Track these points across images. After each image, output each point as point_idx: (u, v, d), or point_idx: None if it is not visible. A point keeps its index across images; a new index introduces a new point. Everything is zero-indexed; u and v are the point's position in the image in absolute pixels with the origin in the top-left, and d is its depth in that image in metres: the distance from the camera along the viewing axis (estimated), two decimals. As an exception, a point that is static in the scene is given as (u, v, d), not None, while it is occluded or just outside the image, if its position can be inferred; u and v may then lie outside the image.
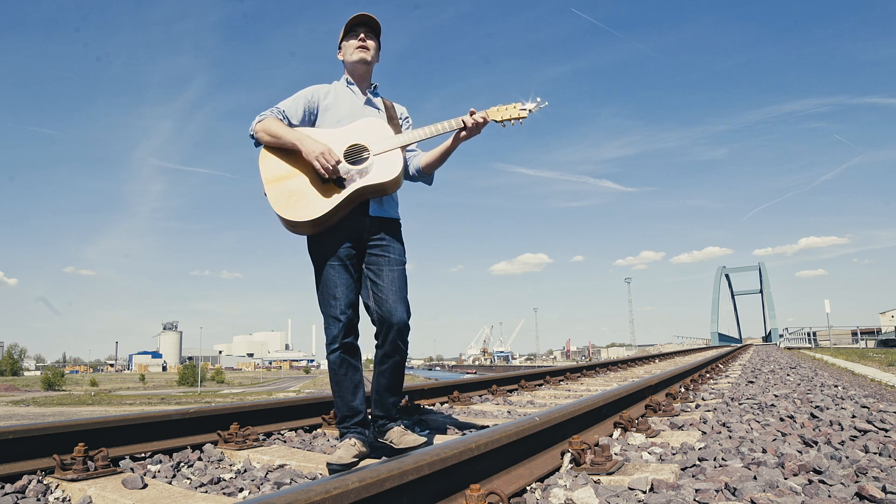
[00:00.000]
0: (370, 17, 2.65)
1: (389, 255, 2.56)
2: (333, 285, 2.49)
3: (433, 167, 2.71)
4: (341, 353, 2.48)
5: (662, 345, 79.70)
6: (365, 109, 2.68)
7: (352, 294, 2.52)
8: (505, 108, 2.55)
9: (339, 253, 2.49)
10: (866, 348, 29.48)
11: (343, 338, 2.47)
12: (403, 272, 2.59)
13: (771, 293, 79.46)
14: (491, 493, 1.59)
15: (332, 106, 2.65)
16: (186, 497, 1.92)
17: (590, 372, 8.32)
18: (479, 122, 2.53)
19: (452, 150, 2.65)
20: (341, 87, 2.72)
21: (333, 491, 1.24)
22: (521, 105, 2.54)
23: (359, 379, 2.54)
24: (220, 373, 73.89)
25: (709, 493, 1.81)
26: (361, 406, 2.52)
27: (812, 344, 34.49)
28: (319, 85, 2.71)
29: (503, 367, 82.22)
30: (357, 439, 2.43)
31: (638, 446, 2.59)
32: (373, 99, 2.74)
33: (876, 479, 1.95)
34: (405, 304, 2.54)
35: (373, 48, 2.68)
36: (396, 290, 2.52)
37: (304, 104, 2.62)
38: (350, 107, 2.66)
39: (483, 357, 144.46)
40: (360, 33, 2.66)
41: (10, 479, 2.13)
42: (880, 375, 7.92)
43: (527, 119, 2.56)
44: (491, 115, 2.54)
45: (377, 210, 2.57)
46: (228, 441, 2.73)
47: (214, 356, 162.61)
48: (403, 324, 2.51)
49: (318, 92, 2.67)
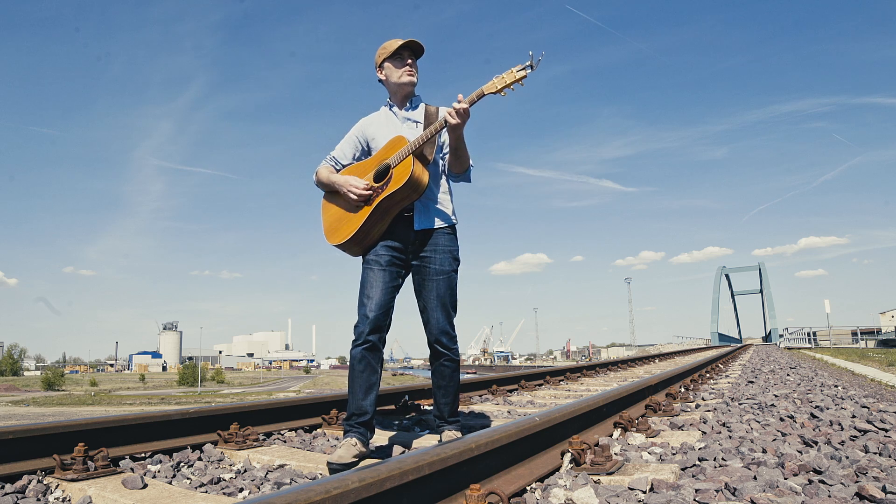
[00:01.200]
0: (417, 44, 2.75)
1: (431, 266, 2.72)
2: (369, 285, 2.65)
3: (453, 165, 2.77)
4: (362, 349, 2.59)
5: (662, 345, 79.74)
6: (402, 128, 2.79)
7: (386, 297, 2.64)
8: (501, 77, 2.48)
9: (381, 260, 2.68)
10: (866, 348, 29.47)
11: (367, 335, 2.59)
12: (447, 280, 2.73)
13: (771, 293, 79.41)
14: (491, 493, 1.59)
15: (376, 134, 2.83)
16: (186, 497, 1.92)
17: (590, 372, 8.32)
18: (453, 114, 2.51)
19: (455, 144, 2.66)
20: (384, 113, 2.88)
21: (333, 491, 1.24)
22: (518, 67, 2.46)
23: (374, 381, 2.61)
24: (220, 373, 73.82)
25: (709, 493, 1.81)
26: (370, 407, 2.58)
27: (812, 344, 34.48)
28: (364, 118, 2.91)
29: (503, 367, 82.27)
30: (358, 439, 2.47)
31: (638, 446, 2.59)
32: (410, 114, 2.83)
33: (876, 479, 1.95)
34: (445, 311, 2.72)
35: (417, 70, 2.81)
36: (436, 299, 2.71)
37: (352, 144, 2.88)
38: (389, 130, 2.80)
39: (483, 357, 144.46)
40: (408, 58, 2.76)
41: (10, 479, 2.13)
42: (880, 375, 7.92)
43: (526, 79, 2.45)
44: (486, 90, 2.50)
45: (421, 223, 2.71)
46: (228, 441, 2.73)
47: (214, 356, 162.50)
48: (440, 329, 2.70)
49: (362, 126, 2.88)
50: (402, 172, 2.57)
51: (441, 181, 2.83)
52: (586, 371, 8.23)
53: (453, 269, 2.77)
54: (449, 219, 2.79)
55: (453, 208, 2.85)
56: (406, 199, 2.63)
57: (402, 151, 2.61)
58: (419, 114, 2.84)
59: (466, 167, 2.79)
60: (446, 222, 2.78)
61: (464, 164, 2.76)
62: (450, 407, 2.81)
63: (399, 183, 2.56)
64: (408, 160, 2.58)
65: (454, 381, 2.80)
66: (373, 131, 2.84)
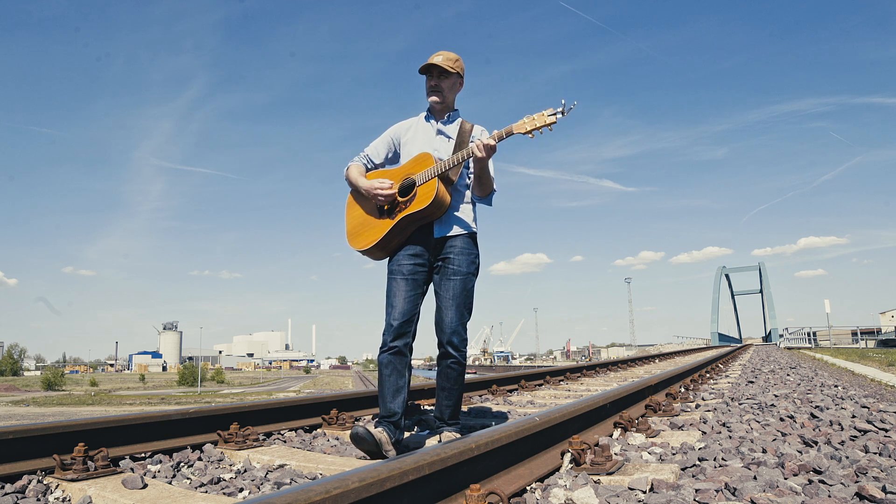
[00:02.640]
0: (436, 65, 2.82)
1: (449, 268, 2.79)
2: (393, 295, 2.75)
3: (477, 190, 2.87)
4: (388, 355, 2.69)
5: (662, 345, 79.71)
6: (435, 140, 2.89)
7: (408, 305, 2.73)
8: (532, 119, 2.56)
9: (403, 269, 2.77)
10: (866, 348, 29.48)
11: (391, 342, 2.68)
12: (463, 281, 2.80)
13: (771, 293, 79.37)
14: (491, 493, 1.59)
15: (410, 141, 2.94)
16: (186, 497, 1.92)
17: (590, 372, 8.32)
18: (480, 148, 2.61)
19: (479, 173, 2.77)
20: (421, 121, 2.99)
21: (333, 491, 1.24)
22: (549, 111, 2.53)
23: (402, 385, 2.69)
24: (220, 373, 73.76)
25: (709, 493, 1.80)
26: (399, 409, 2.67)
27: (812, 344, 34.50)
28: (403, 122, 3.02)
29: (503, 367, 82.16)
30: (386, 431, 2.58)
31: (638, 446, 2.59)
32: (444, 128, 2.93)
33: (876, 479, 1.94)
34: (459, 311, 2.77)
35: (445, 88, 2.87)
36: (451, 299, 2.77)
37: (386, 144, 2.99)
38: (424, 139, 2.91)
39: (483, 357, 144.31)
40: (432, 80, 2.87)
41: (10, 479, 2.13)
42: (880, 375, 7.92)
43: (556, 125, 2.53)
44: (516, 129, 2.59)
45: (440, 231, 2.80)
46: (228, 441, 2.73)
47: (214, 356, 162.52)
48: (452, 330, 2.76)
49: (399, 129, 3.00)
50: (426, 193, 2.68)
51: (464, 193, 2.91)
52: (586, 371, 8.23)
53: (471, 271, 2.83)
54: (469, 226, 2.87)
55: (474, 217, 2.93)
56: (429, 217, 2.75)
57: (429, 172, 2.71)
58: (453, 129, 2.94)
59: (488, 192, 2.89)
60: (465, 229, 2.85)
61: (486, 189, 2.86)
62: (451, 409, 2.85)
63: (423, 203, 2.67)
64: (433, 182, 2.69)
65: (459, 384, 2.83)
66: (409, 137, 2.95)
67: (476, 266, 2.87)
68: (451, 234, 2.81)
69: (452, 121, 2.96)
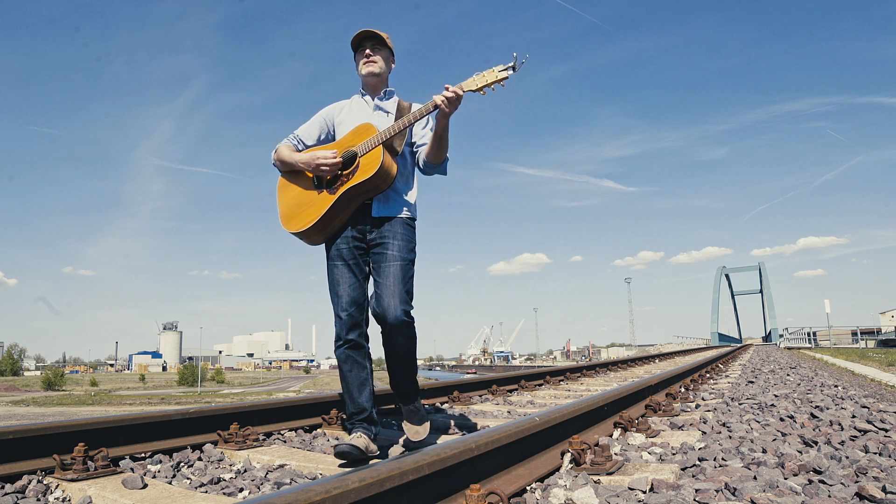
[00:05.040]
0: (371, 32, 2.74)
1: (388, 252, 2.58)
2: (336, 283, 2.61)
3: (433, 156, 2.68)
4: (345, 349, 2.59)
5: (662, 345, 79.73)
6: (373, 115, 2.76)
7: (355, 293, 2.60)
8: (482, 75, 2.43)
9: (343, 254, 2.62)
10: (866, 348, 29.47)
11: (346, 334, 2.57)
12: (404, 266, 2.58)
13: (771, 293, 79.41)
14: (491, 493, 1.59)
15: (345, 120, 2.79)
16: (186, 497, 1.92)
17: (590, 372, 8.32)
18: (448, 97, 2.44)
19: (440, 133, 2.59)
20: (356, 100, 2.86)
21: (333, 491, 1.24)
22: (500, 67, 2.41)
23: (365, 376, 2.61)
24: (220, 373, 73.80)
25: (709, 493, 1.81)
26: (368, 404, 2.59)
27: (812, 344, 34.49)
28: (336, 103, 2.88)
29: (503, 367, 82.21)
30: (364, 434, 2.51)
31: (638, 446, 2.59)
32: (382, 104, 2.81)
33: (876, 479, 1.95)
34: (401, 298, 2.52)
35: (381, 59, 2.76)
36: (392, 285, 2.52)
37: (318, 125, 2.83)
38: (360, 116, 2.76)
39: (483, 357, 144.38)
40: (366, 48, 2.76)
41: (10, 479, 2.13)
42: (880, 375, 7.92)
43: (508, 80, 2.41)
44: (466, 86, 2.45)
45: (380, 210, 2.63)
46: (228, 441, 2.73)
47: (214, 356, 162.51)
48: (396, 319, 2.50)
49: (332, 110, 2.85)
50: (370, 162, 2.49)
51: (407, 174, 2.74)
52: (586, 371, 8.23)
53: (410, 259, 2.63)
54: (411, 209, 2.70)
55: (415, 203, 2.75)
56: (374, 189, 2.55)
57: (372, 140, 2.53)
58: (391, 105, 2.81)
59: (444, 159, 2.71)
60: (409, 212, 2.69)
61: (442, 154, 2.68)
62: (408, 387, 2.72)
63: (368, 173, 2.48)
64: (377, 150, 2.51)
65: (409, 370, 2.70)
66: (342, 116, 2.80)
67: (414, 254, 2.66)
68: (391, 215, 2.62)
69: (389, 97, 2.83)
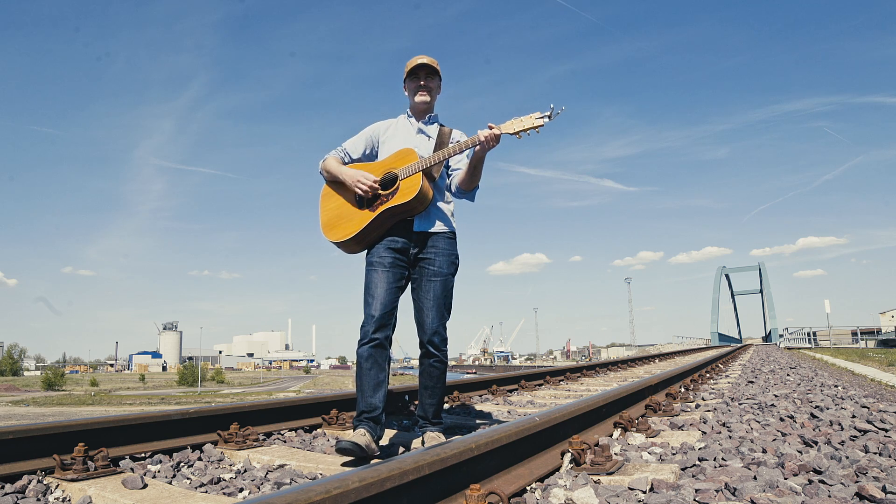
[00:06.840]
0: (427, 63, 2.89)
1: (429, 268, 2.80)
2: (373, 286, 2.72)
3: (465, 183, 2.87)
4: (369, 348, 2.64)
5: (662, 345, 79.66)
6: (415, 138, 2.93)
7: (389, 297, 2.71)
8: (520, 120, 2.65)
9: (384, 261, 2.75)
10: (866, 348, 29.48)
11: (372, 333, 2.65)
12: (443, 282, 2.81)
13: (771, 293, 79.35)
14: (491, 493, 1.59)
15: (389, 139, 2.96)
16: (186, 497, 1.92)
17: (590, 372, 8.32)
18: (489, 137, 2.64)
19: (476, 166, 2.81)
20: (402, 120, 3.03)
21: (333, 491, 1.24)
22: (537, 115, 2.62)
23: (382, 378, 2.67)
24: (220, 373, 73.74)
25: (709, 493, 1.81)
26: (380, 404, 2.64)
27: (812, 344, 34.50)
28: (383, 121, 3.05)
29: (503, 367, 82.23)
30: (367, 432, 2.53)
31: (638, 446, 2.59)
32: (425, 128, 2.98)
33: (876, 479, 1.95)
34: (439, 312, 2.78)
35: (433, 88, 2.97)
36: (432, 300, 2.78)
37: (365, 140, 3.00)
38: (403, 137, 2.94)
39: (483, 357, 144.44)
40: (421, 79, 2.92)
41: (10, 479, 2.13)
42: (880, 375, 7.92)
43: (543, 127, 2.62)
44: (504, 129, 2.65)
45: (421, 225, 2.80)
46: (228, 441, 2.73)
47: (214, 356, 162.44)
48: (433, 331, 2.77)
49: (379, 127, 3.02)
50: (410, 186, 2.68)
51: (444, 192, 2.94)
52: (586, 371, 8.24)
53: (451, 272, 2.86)
54: (449, 224, 2.88)
55: (453, 216, 2.94)
56: (411, 211, 2.75)
57: (413, 166, 2.71)
58: (433, 130, 2.99)
59: (474, 187, 2.90)
60: (447, 227, 2.86)
61: (474, 182, 2.87)
62: (434, 408, 2.85)
63: (406, 197, 2.67)
64: (417, 176, 2.69)
65: (441, 382, 2.85)
66: (388, 135, 2.97)
67: (456, 266, 2.89)
68: (432, 230, 2.81)
69: (432, 122, 3.02)
